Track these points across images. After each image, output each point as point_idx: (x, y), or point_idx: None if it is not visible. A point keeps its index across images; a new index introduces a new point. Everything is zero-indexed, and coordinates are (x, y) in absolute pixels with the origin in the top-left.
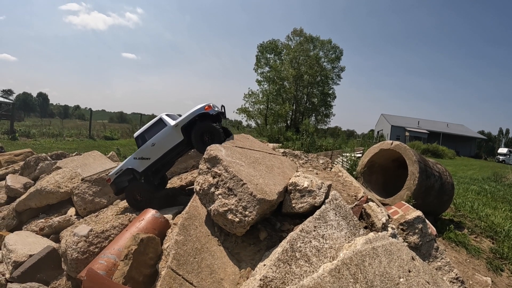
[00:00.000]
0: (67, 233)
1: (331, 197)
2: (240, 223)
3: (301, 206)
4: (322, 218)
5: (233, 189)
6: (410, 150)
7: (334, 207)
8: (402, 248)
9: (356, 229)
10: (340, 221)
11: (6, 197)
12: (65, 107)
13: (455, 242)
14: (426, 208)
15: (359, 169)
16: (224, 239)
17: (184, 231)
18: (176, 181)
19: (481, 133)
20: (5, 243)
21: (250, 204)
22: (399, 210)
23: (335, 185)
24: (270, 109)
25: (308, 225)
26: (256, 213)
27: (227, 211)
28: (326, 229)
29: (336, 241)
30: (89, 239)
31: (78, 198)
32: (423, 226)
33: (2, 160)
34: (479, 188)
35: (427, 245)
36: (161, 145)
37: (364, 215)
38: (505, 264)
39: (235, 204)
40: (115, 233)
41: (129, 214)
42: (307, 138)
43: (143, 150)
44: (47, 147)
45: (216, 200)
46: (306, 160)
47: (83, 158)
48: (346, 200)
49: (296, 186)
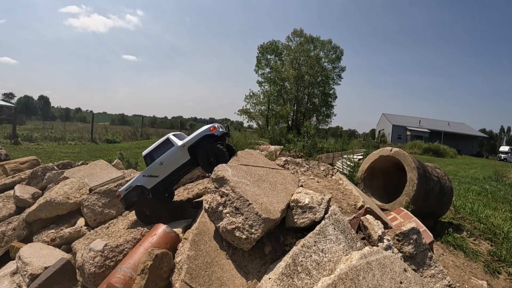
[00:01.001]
0: (80, 245)
1: (331, 212)
2: (247, 240)
3: (303, 221)
4: (322, 233)
5: (240, 208)
6: (409, 157)
7: (333, 222)
8: (395, 261)
9: (353, 242)
10: (338, 235)
11: (15, 207)
12: (67, 110)
13: (453, 245)
14: (425, 211)
15: (359, 175)
16: (232, 252)
17: (195, 246)
18: (183, 192)
19: (482, 131)
20: (20, 256)
21: (256, 222)
22: (398, 217)
23: (336, 194)
24: (271, 110)
25: (309, 241)
26: (261, 230)
27: (234, 228)
28: (325, 243)
29: (334, 254)
30: (104, 254)
31: (88, 210)
32: (418, 237)
33: (8, 168)
34: (480, 188)
35: (422, 254)
36: (168, 164)
37: (362, 227)
38: (502, 267)
39: (242, 222)
40: (129, 247)
41: (140, 228)
42: (308, 140)
43: (152, 168)
44: (50, 152)
45: (224, 218)
46: (307, 167)
47: (89, 167)
48: (345, 210)
49: (297, 202)
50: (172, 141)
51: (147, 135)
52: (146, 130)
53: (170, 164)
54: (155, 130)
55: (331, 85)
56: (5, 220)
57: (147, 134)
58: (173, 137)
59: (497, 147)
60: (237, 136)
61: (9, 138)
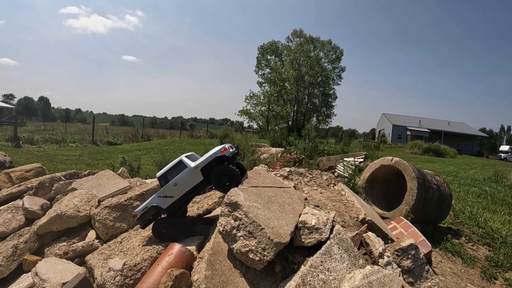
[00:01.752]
0: (95, 261)
1: (335, 232)
2: (260, 261)
3: (310, 241)
4: (328, 253)
5: (253, 232)
6: (409, 167)
7: (338, 242)
8: (394, 279)
9: (356, 260)
10: (342, 254)
11: (24, 219)
12: (67, 111)
13: (451, 252)
14: (425, 219)
15: (361, 184)
16: (245, 271)
17: (211, 266)
18: (193, 208)
19: (482, 130)
20: (37, 272)
21: (268, 246)
22: (398, 226)
23: (338, 206)
24: (272, 110)
25: (316, 261)
26: (273, 253)
27: (248, 251)
28: (331, 262)
29: (339, 272)
30: (124, 273)
31: (100, 224)
32: (416, 252)
33: (14, 177)
34: (480, 190)
35: (419, 268)
36: (183, 185)
37: (364, 243)
38: (499, 272)
39: (255, 245)
40: (146, 265)
41: (155, 246)
42: (309, 143)
43: (166, 189)
44: (51, 154)
45: (238, 240)
46: (310, 177)
47: (96, 178)
48: (348, 223)
49: (305, 224)
50: (185, 163)
51: (147, 137)
52: (147, 131)
53: (184, 185)
54: (156, 130)
55: (331, 85)
56: (15, 232)
57: (147, 135)
58: (186, 159)
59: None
60: (238, 139)
61: (10, 140)
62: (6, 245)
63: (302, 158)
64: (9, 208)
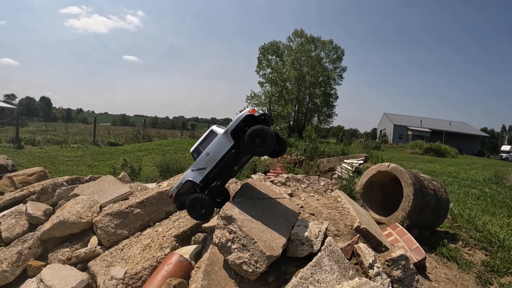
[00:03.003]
0: (97, 267)
1: (326, 244)
2: (253, 273)
3: (301, 252)
4: (318, 264)
5: (247, 245)
6: (406, 173)
7: (328, 253)
8: None
9: (346, 271)
10: (332, 265)
11: (27, 224)
12: (68, 111)
13: (446, 257)
14: (422, 224)
15: (358, 189)
16: (240, 281)
17: (207, 276)
18: None
19: (484, 130)
20: (42, 278)
21: (261, 258)
22: (393, 232)
23: (334, 214)
24: (273, 110)
25: (307, 272)
26: (265, 265)
27: (242, 263)
28: (321, 274)
29: (328, 283)
30: (125, 281)
31: (101, 231)
32: (406, 263)
33: (17, 181)
34: (480, 191)
35: (409, 278)
36: (215, 153)
37: (356, 254)
38: (494, 277)
39: (249, 258)
40: (146, 274)
41: (155, 255)
42: (310, 144)
43: (199, 161)
44: (53, 156)
45: (233, 252)
46: (308, 183)
47: (98, 184)
48: (342, 231)
49: (297, 236)
50: (215, 131)
51: (149, 137)
52: (148, 131)
53: (216, 152)
54: (157, 131)
55: (332, 85)
56: (19, 237)
57: (149, 136)
58: (216, 127)
59: (499, 146)
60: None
61: (12, 142)
62: (10, 250)
63: (302, 159)
64: (12, 213)
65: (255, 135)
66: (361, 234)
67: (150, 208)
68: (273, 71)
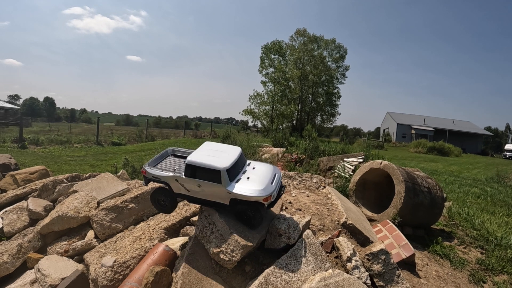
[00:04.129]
0: (91, 258)
1: (304, 236)
2: (229, 261)
3: (278, 244)
4: (293, 256)
5: (224, 235)
6: (397, 170)
7: (305, 245)
8: (354, 283)
9: (323, 263)
10: (309, 257)
11: (28, 219)
12: (72, 111)
13: (439, 255)
14: (416, 222)
15: (351, 186)
16: (219, 270)
17: (188, 264)
18: (182, 210)
19: (487, 129)
20: (39, 268)
21: (236, 248)
22: (383, 229)
23: (321, 209)
24: (276, 110)
25: (281, 262)
26: (240, 254)
27: (219, 252)
28: (295, 265)
29: (303, 274)
30: (114, 269)
31: (97, 224)
32: (386, 257)
33: (19, 179)
34: (480, 190)
35: (390, 272)
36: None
37: (336, 247)
38: (489, 276)
39: (225, 247)
40: (135, 262)
41: (144, 246)
42: (310, 143)
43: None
44: (56, 156)
45: (212, 242)
46: (300, 180)
47: (96, 181)
48: (327, 227)
49: (275, 228)
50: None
51: (152, 137)
52: (151, 131)
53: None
54: (160, 131)
55: (335, 84)
56: (20, 232)
57: (152, 135)
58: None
59: (503, 145)
60: (240, 139)
61: (15, 142)
62: (11, 243)
63: (303, 158)
64: (14, 209)
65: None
66: (348, 230)
67: (144, 203)
68: (276, 70)
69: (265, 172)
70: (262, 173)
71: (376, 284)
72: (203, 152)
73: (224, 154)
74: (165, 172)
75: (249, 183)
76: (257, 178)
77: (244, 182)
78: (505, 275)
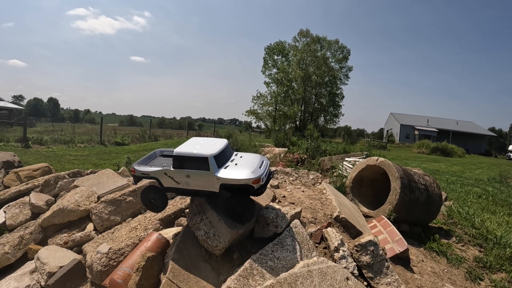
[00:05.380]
0: (89, 248)
1: (292, 225)
2: (217, 247)
3: (266, 233)
4: (280, 243)
5: (212, 222)
6: (393, 167)
7: (292, 234)
8: (338, 271)
9: (309, 252)
10: (295, 245)
11: (30, 213)
12: (76, 111)
13: (436, 251)
14: (412, 219)
15: (347, 183)
16: (208, 257)
17: (178, 250)
18: (177, 202)
19: (491, 130)
20: (39, 257)
21: (224, 234)
22: (378, 224)
23: (315, 204)
24: (279, 110)
25: (267, 249)
26: (227, 240)
27: (208, 238)
28: (281, 252)
29: (289, 261)
30: (109, 256)
31: (96, 217)
32: (375, 248)
33: (22, 175)
34: (482, 190)
35: (379, 264)
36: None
37: (325, 238)
38: (486, 273)
39: (214, 233)
40: (129, 250)
41: (138, 235)
42: (312, 143)
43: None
44: (59, 155)
45: (201, 229)
46: (296, 176)
47: (97, 176)
48: (319, 220)
49: (263, 217)
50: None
51: (155, 137)
52: (154, 131)
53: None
54: (163, 131)
55: (338, 85)
56: (22, 225)
57: (155, 136)
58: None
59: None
60: (242, 139)
61: (19, 141)
62: (13, 235)
63: (304, 158)
64: (17, 204)
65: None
66: (340, 224)
67: None
68: (279, 71)
69: (253, 159)
70: (250, 160)
71: (364, 276)
72: (190, 145)
73: (210, 144)
74: (154, 167)
75: (237, 168)
76: (245, 163)
77: (232, 168)
78: (503, 273)
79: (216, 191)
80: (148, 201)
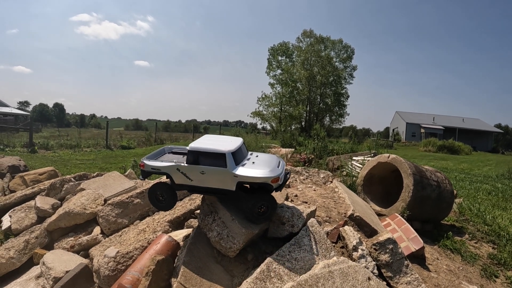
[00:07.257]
0: (96, 251)
1: (308, 224)
2: (231, 249)
3: (282, 232)
4: (297, 243)
5: (226, 222)
6: (405, 163)
7: (309, 234)
8: (360, 270)
9: (328, 252)
10: (312, 245)
11: (36, 217)
12: (81, 117)
13: (450, 249)
14: (424, 216)
15: (358, 181)
16: (221, 258)
17: (190, 253)
18: (187, 203)
19: (498, 126)
20: (44, 261)
21: (238, 235)
22: (392, 222)
23: (328, 202)
24: (284, 111)
25: (284, 250)
26: (242, 241)
27: (221, 239)
28: (299, 252)
29: (307, 262)
30: (116, 259)
31: (103, 220)
32: (394, 246)
33: (28, 179)
34: (491, 187)
35: (398, 263)
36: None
37: (341, 237)
38: (501, 270)
39: (227, 234)
40: (137, 253)
41: (147, 237)
42: (319, 143)
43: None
44: (66, 159)
45: (214, 230)
46: (307, 175)
47: (103, 179)
48: (334, 219)
49: (278, 216)
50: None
51: (161, 140)
52: (160, 135)
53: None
54: (169, 134)
55: (343, 84)
56: (28, 229)
57: (161, 139)
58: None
59: None
60: (248, 140)
61: (26, 146)
62: (18, 240)
63: (312, 158)
64: (22, 208)
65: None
66: (355, 222)
67: None
68: (284, 72)
69: (270, 158)
70: (267, 159)
71: (383, 275)
72: (204, 140)
73: (226, 141)
74: (166, 163)
75: (255, 166)
76: (263, 162)
77: (250, 166)
78: None
79: (232, 189)
80: (156, 199)
